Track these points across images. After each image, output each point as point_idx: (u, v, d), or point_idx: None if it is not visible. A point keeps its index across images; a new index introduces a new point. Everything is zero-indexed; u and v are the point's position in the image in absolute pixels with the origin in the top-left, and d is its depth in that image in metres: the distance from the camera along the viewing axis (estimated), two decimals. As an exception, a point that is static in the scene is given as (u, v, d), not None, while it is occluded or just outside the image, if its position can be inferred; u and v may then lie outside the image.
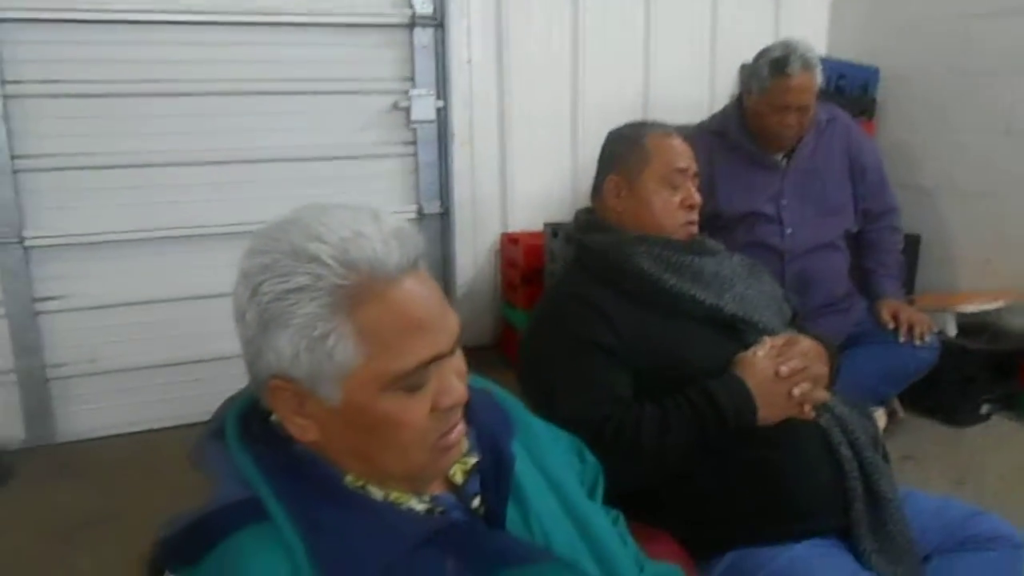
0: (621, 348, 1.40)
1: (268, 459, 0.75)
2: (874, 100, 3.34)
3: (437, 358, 0.75)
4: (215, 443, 0.79)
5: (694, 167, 1.57)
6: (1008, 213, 2.90)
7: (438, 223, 3.33)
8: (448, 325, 0.77)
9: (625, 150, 1.58)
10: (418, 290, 0.75)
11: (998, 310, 2.77)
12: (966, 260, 3.05)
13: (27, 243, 2.68)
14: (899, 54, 3.26)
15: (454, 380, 0.78)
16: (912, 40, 3.21)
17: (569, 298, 1.49)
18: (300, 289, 0.71)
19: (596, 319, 1.42)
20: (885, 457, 1.47)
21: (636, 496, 1.21)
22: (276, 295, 0.71)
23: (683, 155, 1.56)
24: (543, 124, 3.37)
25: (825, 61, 3.14)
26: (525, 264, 3.21)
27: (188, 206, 2.84)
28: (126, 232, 2.79)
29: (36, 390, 2.77)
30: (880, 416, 2.44)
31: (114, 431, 2.86)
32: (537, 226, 3.29)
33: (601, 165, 1.63)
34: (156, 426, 2.87)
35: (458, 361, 0.80)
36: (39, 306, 2.74)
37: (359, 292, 0.71)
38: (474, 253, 3.43)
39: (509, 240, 3.37)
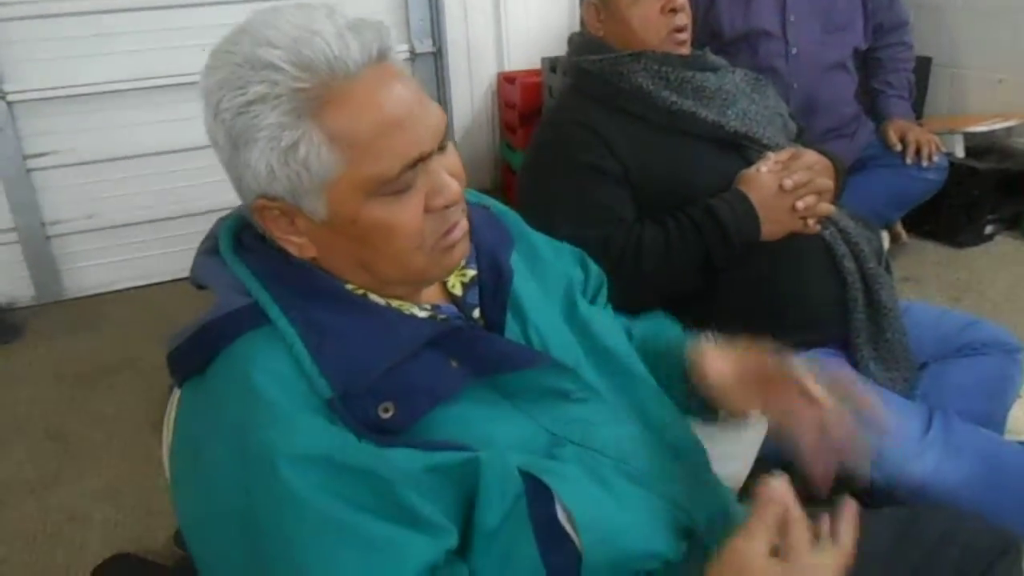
0: (621, 169, 1.37)
1: (263, 268, 0.74)
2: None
3: (422, 158, 0.72)
4: (211, 259, 0.78)
5: None
6: (1023, 31, 2.77)
7: (431, 63, 3.21)
8: (429, 119, 0.72)
9: None
10: (388, 84, 0.70)
11: (1007, 130, 2.71)
12: (978, 81, 2.95)
13: (10, 98, 2.60)
14: None
15: (445, 177, 0.74)
16: None
17: (567, 122, 1.45)
18: (260, 99, 0.67)
19: (595, 141, 1.38)
20: (888, 270, 1.48)
21: (641, 312, 1.21)
22: (236, 109, 0.68)
23: None
24: (537, -49, 3.18)
25: None
26: (523, 104, 3.12)
27: (177, 52, 2.72)
28: (114, 82, 2.70)
29: (38, 248, 2.77)
30: (884, 238, 2.43)
31: (121, 285, 2.90)
32: (535, 64, 3.17)
33: None
34: (161, 279, 2.89)
35: (450, 158, 0.76)
36: (31, 163, 2.70)
37: (321, 94, 0.67)
38: (471, 94, 3.33)
39: (506, 79, 3.26)
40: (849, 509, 0.71)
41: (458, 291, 0.85)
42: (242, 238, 0.78)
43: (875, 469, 1.18)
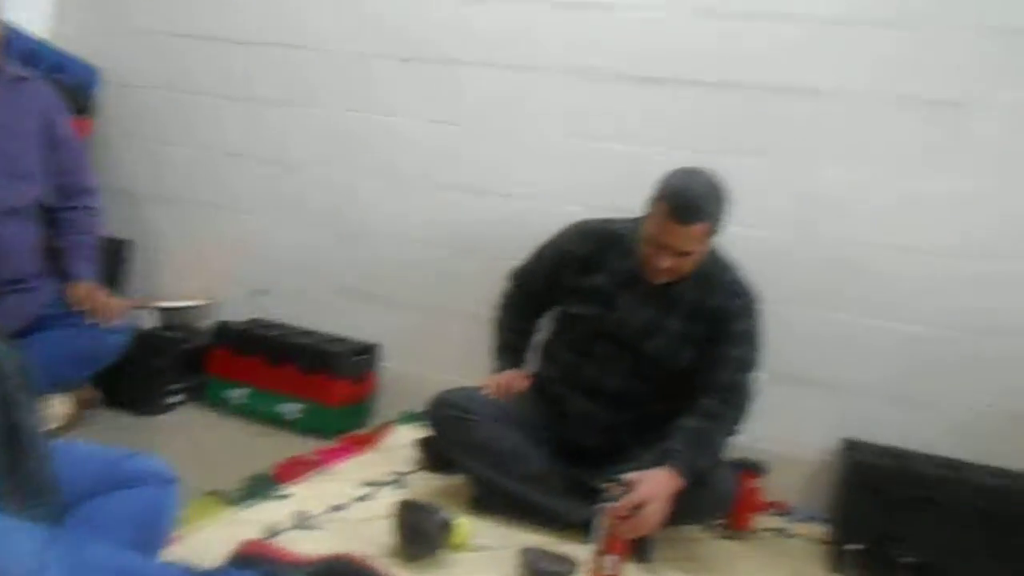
0: None
1: None
2: (93, 100, 3.23)
3: None
4: None
5: None
6: (210, 224, 3.12)
7: None
8: None
9: None
10: None
11: (194, 308, 2.93)
12: (173, 264, 3.16)
13: None
14: (123, 61, 3.23)
15: None
16: (135, 51, 3.23)
17: None
18: None
19: None
20: (30, 393, 1.34)
21: None
22: None
23: None
24: None
25: (44, 48, 2.94)
26: None
27: None
28: None
29: None
30: (65, 403, 2.29)
31: None
32: None
33: None
34: None
35: None
36: None
37: None
38: None
39: None
40: None
41: None
42: None
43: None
